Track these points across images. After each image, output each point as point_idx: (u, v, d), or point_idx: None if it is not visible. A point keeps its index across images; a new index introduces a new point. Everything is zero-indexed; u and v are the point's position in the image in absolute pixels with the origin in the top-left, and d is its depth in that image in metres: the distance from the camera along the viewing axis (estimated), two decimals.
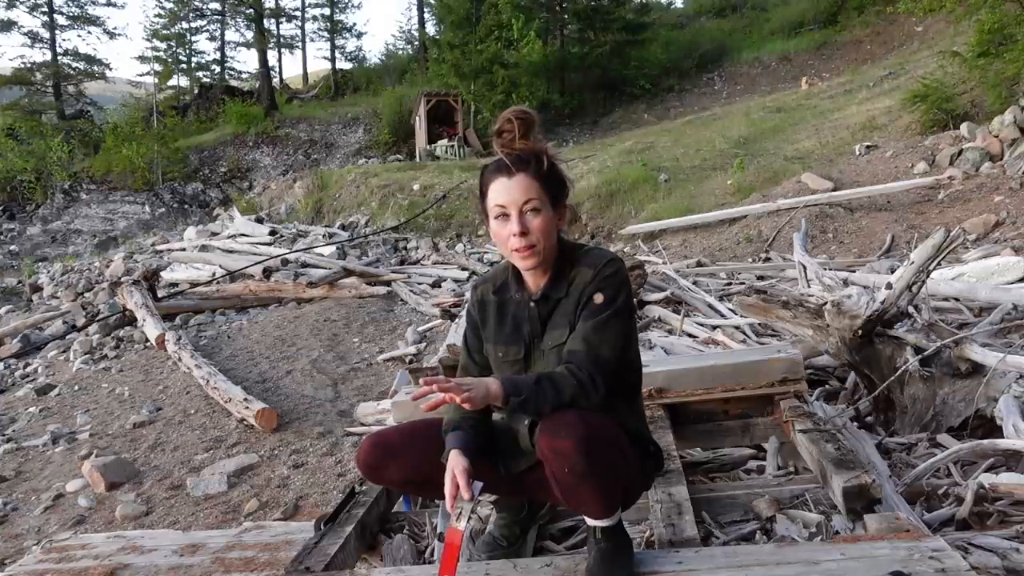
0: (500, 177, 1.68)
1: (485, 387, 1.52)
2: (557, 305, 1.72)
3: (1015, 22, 9.70)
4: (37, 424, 5.49)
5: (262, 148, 24.89)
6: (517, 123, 1.67)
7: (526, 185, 1.65)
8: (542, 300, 1.74)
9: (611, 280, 1.67)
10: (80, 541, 2.53)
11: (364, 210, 15.12)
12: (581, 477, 1.54)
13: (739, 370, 2.78)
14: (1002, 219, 7.48)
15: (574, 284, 1.70)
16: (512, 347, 1.77)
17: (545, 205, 1.67)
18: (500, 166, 1.68)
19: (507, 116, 1.69)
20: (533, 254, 1.66)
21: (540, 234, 1.65)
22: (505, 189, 1.66)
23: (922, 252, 3.12)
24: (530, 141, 1.69)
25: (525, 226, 1.65)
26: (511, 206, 1.66)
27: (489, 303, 1.83)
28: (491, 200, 1.69)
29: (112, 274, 11.74)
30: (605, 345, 1.63)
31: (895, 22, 21.10)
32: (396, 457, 1.81)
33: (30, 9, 29.29)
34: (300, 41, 37.09)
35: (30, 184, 22.53)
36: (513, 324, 1.78)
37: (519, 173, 1.66)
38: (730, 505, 2.18)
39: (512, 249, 1.67)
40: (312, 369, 5.96)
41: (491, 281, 1.86)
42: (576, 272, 1.70)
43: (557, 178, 1.72)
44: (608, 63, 23.99)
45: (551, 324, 1.73)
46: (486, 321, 1.83)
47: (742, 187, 11.16)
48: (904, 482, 2.37)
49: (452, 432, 1.74)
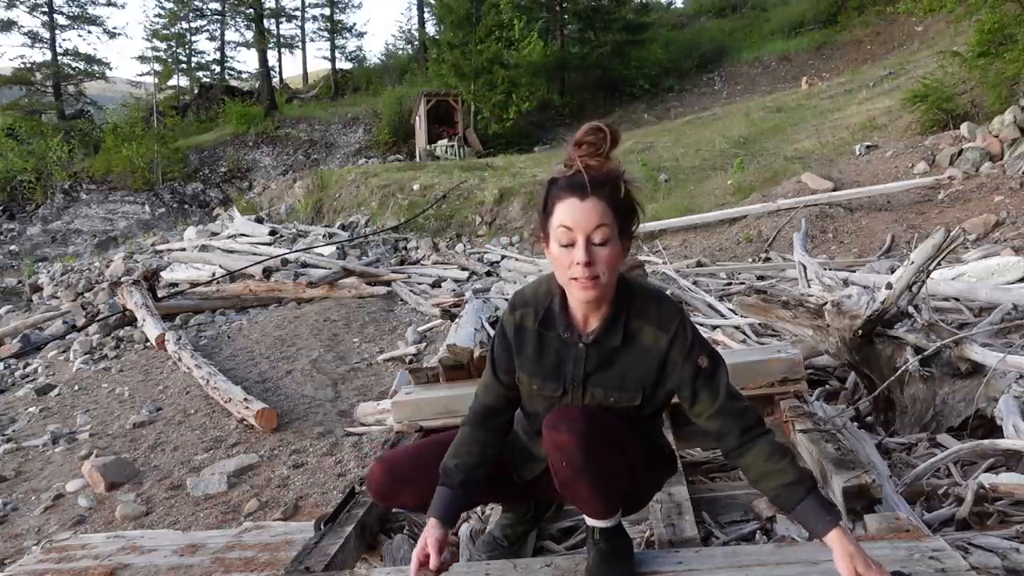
0: (572, 197, 1.49)
1: (849, 549, 1.44)
2: (611, 353, 1.61)
3: (1015, 22, 9.69)
4: (37, 424, 5.49)
5: (262, 148, 24.90)
6: (607, 135, 1.50)
7: (600, 211, 1.49)
8: (593, 344, 1.61)
9: (695, 339, 1.61)
10: (80, 541, 2.53)
11: (364, 210, 15.11)
12: (578, 473, 1.55)
13: (739, 370, 2.77)
14: (1002, 219, 7.48)
15: (636, 339, 1.60)
16: (550, 383, 1.65)
17: (615, 236, 1.51)
18: (575, 184, 1.49)
19: (593, 126, 1.51)
20: (595, 286, 1.51)
21: (606, 266, 1.50)
22: (577, 211, 1.49)
23: (922, 252, 3.12)
24: (611, 160, 1.52)
25: (592, 257, 1.49)
26: (580, 232, 1.49)
27: (528, 331, 1.67)
28: (557, 220, 1.51)
29: (112, 274, 11.75)
30: (734, 390, 1.63)
31: (895, 22, 21.11)
32: (407, 484, 1.80)
33: (30, 9, 29.29)
34: (300, 41, 37.14)
35: (30, 184, 22.55)
36: (555, 360, 1.65)
37: (593, 196, 1.48)
38: (730, 505, 2.18)
39: (571, 277, 1.51)
40: (312, 369, 5.96)
41: (533, 307, 1.67)
42: (638, 326, 1.60)
43: (632, 206, 1.56)
44: (608, 63, 24.04)
45: (600, 369, 1.62)
46: (522, 349, 1.68)
47: (742, 187, 11.16)
48: (904, 482, 2.36)
49: (441, 487, 1.71)
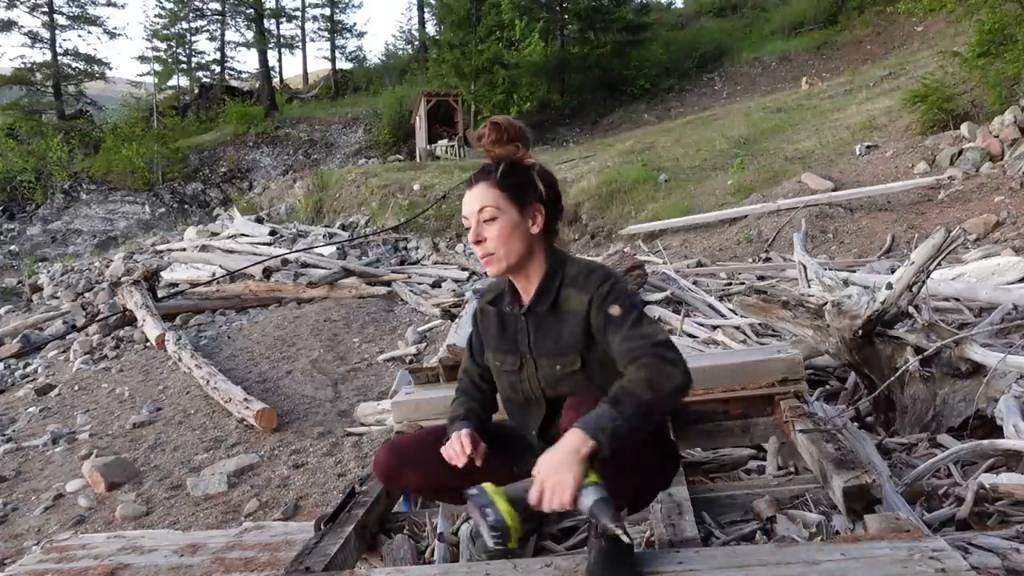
0: (466, 190, 1.72)
1: (571, 451, 1.40)
2: (544, 319, 1.73)
3: (1015, 22, 9.70)
4: (37, 424, 5.48)
5: (262, 148, 24.91)
6: (500, 128, 1.67)
7: (481, 194, 1.67)
8: (529, 313, 1.75)
9: (615, 293, 1.65)
10: (80, 541, 2.53)
11: (364, 210, 15.13)
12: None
13: (739, 370, 2.78)
14: (1002, 219, 7.48)
15: (564, 305, 1.69)
16: (509, 357, 1.79)
17: (505, 211, 1.66)
18: (469, 179, 1.72)
19: (489, 122, 1.70)
20: (493, 261, 1.68)
21: (497, 241, 1.66)
22: (465, 201, 1.71)
23: (922, 252, 3.12)
24: (504, 149, 1.67)
25: (480, 235, 1.67)
26: (470, 216, 1.70)
27: (489, 313, 1.86)
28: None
29: (112, 274, 11.75)
30: (656, 332, 1.61)
31: (895, 22, 21.09)
32: (412, 464, 1.86)
33: (30, 9, 29.28)
34: (300, 41, 37.13)
35: (30, 184, 22.56)
36: (511, 335, 1.80)
37: (479, 183, 1.69)
38: (730, 505, 2.18)
39: (479, 257, 1.71)
40: (312, 369, 5.96)
41: (492, 291, 1.89)
42: (567, 294, 1.69)
43: (522, 179, 1.69)
44: (608, 63, 24.02)
45: (539, 337, 1.74)
46: (487, 329, 1.87)
47: (742, 187, 11.16)
48: (904, 482, 2.36)
49: (457, 423, 1.83)
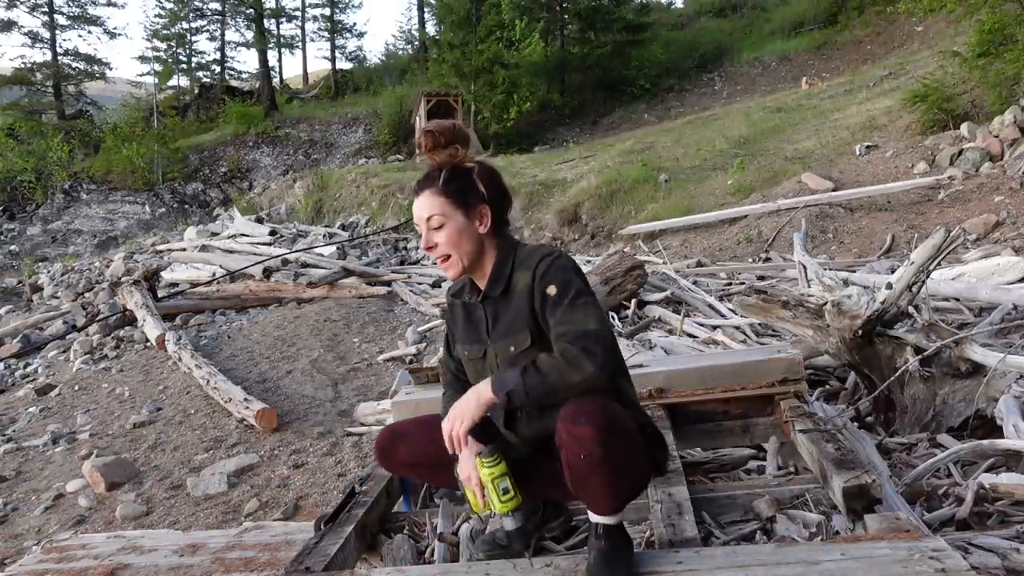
0: (414, 197, 1.78)
1: (476, 395, 1.63)
2: (498, 304, 1.77)
3: (1015, 22, 9.69)
4: (37, 424, 5.49)
5: (262, 148, 24.88)
6: (424, 138, 1.71)
7: (427, 203, 1.72)
8: (485, 301, 1.80)
9: (553, 270, 1.66)
10: (80, 541, 2.53)
11: (364, 210, 15.12)
12: (595, 466, 1.54)
13: (739, 370, 2.78)
14: (1002, 219, 7.48)
15: (515, 286, 1.73)
16: (474, 346, 1.84)
17: (451, 216, 1.71)
18: (415, 186, 1.77)
19: (424, 130, 1.74)
20: (449, 265, 1.74)
21: (449, 245, 1.72)
22: (415, 209, 1.77)
23: (922, 252, 3.12)
24: (442, 154, 1.71)
25: (431, 241, 1.73)
26: (420, 224, 1.75)
27: (455, 306, 1.92)
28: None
29: (112, 274, 11.75)
30: (588, 319, 1.59)
31: (895, 22, 21.07)
32: (406, 441, 1.95)
33: (30, 9, 29.19)
34: (300, 41, 37.00)
35: (30, 184, 22.53)
36: (474, 326, 1.85)
37: (423, 191, 1.74)
38: (730, 505, 2.18)
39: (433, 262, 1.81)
40: (312, 369, 5.96)
41: (458, 286, 1.93)
42: (517, 276, 1.73)
43: (464, 183, 1.72)
44: (608, 63, 23.98)
45: (496, 322, 1.78)
46: (455, 323, 1.92)
47: (742, 187, 11.15)
48: (904, 482, 2.37)
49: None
